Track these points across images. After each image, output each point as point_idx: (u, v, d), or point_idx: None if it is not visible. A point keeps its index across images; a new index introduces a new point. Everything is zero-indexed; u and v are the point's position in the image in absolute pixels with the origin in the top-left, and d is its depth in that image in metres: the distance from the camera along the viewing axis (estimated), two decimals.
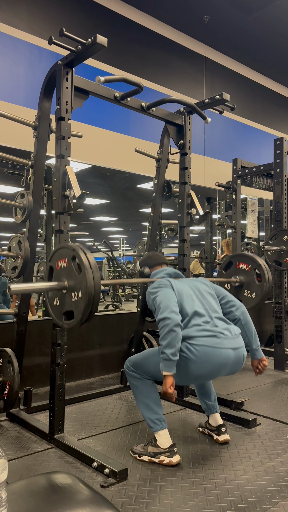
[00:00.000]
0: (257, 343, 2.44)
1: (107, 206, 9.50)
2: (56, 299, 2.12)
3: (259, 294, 3.10)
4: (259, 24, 5.86)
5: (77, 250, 1.98)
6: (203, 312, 2.27)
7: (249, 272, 3.16)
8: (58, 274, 2.11)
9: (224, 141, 6.63)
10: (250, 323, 2.44)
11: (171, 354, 2.03)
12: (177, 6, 5.43)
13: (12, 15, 4.31)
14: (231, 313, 2.45)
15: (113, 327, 3.98)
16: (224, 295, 2.52)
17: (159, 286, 2.32)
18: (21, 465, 2.15)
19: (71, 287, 2.02)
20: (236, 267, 3.22)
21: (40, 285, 2.06)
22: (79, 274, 1.96)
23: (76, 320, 1.99)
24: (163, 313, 2.12)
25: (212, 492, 1.91)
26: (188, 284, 2.43)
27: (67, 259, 2.04)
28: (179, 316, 2.14)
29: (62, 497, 0.97)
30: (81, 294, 1.95)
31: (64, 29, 2.25)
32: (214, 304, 2.39)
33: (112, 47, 3.36)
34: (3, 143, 4.07)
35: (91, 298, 1.92)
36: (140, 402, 2.30)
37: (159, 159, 3.42)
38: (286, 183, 4.15)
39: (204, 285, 2.50)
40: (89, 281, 1.91)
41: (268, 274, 3.09)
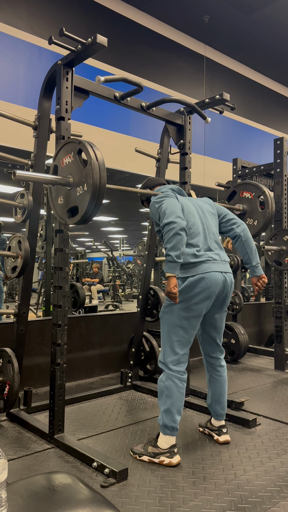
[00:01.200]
0: (256, 260, 2.47)
1: (107, 206, 9.50)
2: (60, 198, 2.11)
3: (261, 221, 3.09)
4: (259, 24, 5.86)
5: (83, 143, 1.95)
6: (200, 231, 2.31)
7: (252, 200, 3.14)
8: (63, 171, 2.09)
9: (224, 141, 6.63)
10: (250, 240, 2.46)
11: (175, 256, 2.08)
12: (177, 6, 5.43)
13: (12, 15, 4.31)
14: (232, 231, 2.48)
15: (113, 327, 3.98)
16: (226, 213, 2.54)
17: (164, 196, 2.32)
18: (21, 465, 2.15)
19: (76, 183, 2.00)
20: (240, 195, 3.21)
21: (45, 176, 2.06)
22: (85, 167, 1.93)
23: (80, 215, 1.97)
24: (169, 217, 2.14)
25: (212, 492, 1.91)
26: (191, 201, 2.45)
27: (73, 153, 2.02)
28: (184, 221, 2.16)
29: (62, 497, 0.97)
30: (86, 186, 1.92)
31: (64, 29, 2.25)
32: (212, 225, 2.42)
33: (112, 47, 3.37)
34: (3, 143, 4.07)
35: (97, 189, 1.90)
36: (163, 404, 2.23)
37: (159, 159, 3.42)
38: (286, 183, 4.15)
39: (207, 204, 2.52)
40: (95, 173, 1.89)
41: (272, 201, 3.08)
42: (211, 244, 2.32)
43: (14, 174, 1.90)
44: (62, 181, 2.04)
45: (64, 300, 2.43)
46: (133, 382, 3.43)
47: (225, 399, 2.53)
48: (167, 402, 2.22)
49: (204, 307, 2.26)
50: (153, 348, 3.50)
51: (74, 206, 2.03)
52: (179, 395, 2.24)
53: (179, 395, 2.24)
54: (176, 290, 2.11)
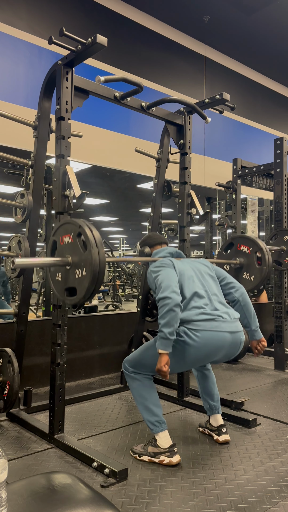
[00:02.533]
0: (256, 324, 2.46)
1: (107, 206, 9.50)
2: (59, 274, 2.11)
3: (258, 277, 3.09)
4: (259, 24, 5.86)
5: (83, 227, 1.95)
6: (203, 294, 2.28)
7: (249, 255, 3.15)
8: (62, 249, 2.09)
9: (224, 141, 6.63)
10: (249, 305, 2.45)
11: (168, 333, 2.04)
12: (177, 6, 5.43)
13: (12, 15, 4.31)
14: (231, 295, 2.47)
15: (113, 327, 3.98)
16: (224, 276, 2.53)
17: (161, 266, 2.31)
18: (21, 465, 2.15)
19: (75, 264, 2.00)
20: (237, 248, 3.21)
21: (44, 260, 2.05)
22: (85, 252, 1.94)
23: (79, 297, 1.97)
24: (163, 292, 2.12)
25: (212, 492, 1.91)
26: (189, 265, 2.43)
27: (72, 235, 2.02)
28: (179, 296, 2.14)
29: (62, 497, 0.97)
30: (85, 271, 1.93)
31: (64, 28, 2.24)
32: (214, 287, 2.40)
33: (112, 47, 3.37)
34: (3, 143, 4.07)
35: (96, 276, 1.90)
36: (139, 404, 2.30)
37: (159, 159, 3.42)
38: (286, 183, 4.15)
39: (205, 266, 2.51)
40: (94, 259, 1.89)
41: (269, 258, 3.08)
42: (216, 305, 2.28)
43: (13, 262, 1.91)
44: (61, 262, 2.04)
45: None
46: None
47: (216, 391, 2.56)
48: (141, 401, 2.28)
49: (203, 363, 2.31)
50: None
51: (72, 287, 2.03)
52: (149, 389, 2.29)
53: (149, 389, 2.29)
54: (167, 368, 2.04)
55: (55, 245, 2.14)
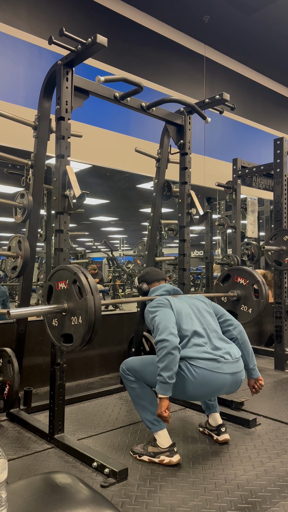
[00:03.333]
0: (253, 363, 2.43)
1: (107, 206, 9.50)
2: (55, 320, 2.11)
3: (255, 310, 3.10)
4: (259, 24, 5.86)
5: (78, 274, 1.96)
6: (202, 332, 2.27)
7: (246, 287, 3.16)
8: (58, 295, 2.09)
9: (224, 141, 6.63)
10: (247, 343, 2.44)
11: (167, 377, 2.03)
12: (177, 6, 5.43)
13: (12, 15, 4.31)
14: (229, 332, 2.45)
15: (113, 327, 3.98)
16: (222, 313, 2.51)
17: (158, 306, 2.30)
18: (21, 465, 2.15)
19: (71, 310, 2.01)
20: (234, 280, 3.22)
21: (39, 309, 2.06)
22: (80, 299, 1.95)
23: (75, 345, 1.99)
24: (161, 334, 2.11)
25: (212, 492, 1.91)
26: (187, 303, 2.42)
27: (68, 281, 2.03)
28: (177, 338, 2.13)
29: (62, 497, 0.97)
30: (81, 319, 1.94)
31: (64, 29, 2.24)
32: (213, 324, 2.38)
33: (112, 47, 3.37)
34: (3, 143, 4.07)
35: (92, 324, 1.92)
36: (136, 404, 2.31)
37: (159, 159, 3.42)
38: (286, 183, 4.15)
39: (202, 303, 2.49)
40: (90, 308, 1.90)
41: (265, 291, 3.09)
42: (216, 343, 2.26)
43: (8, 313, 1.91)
44: (57, 309, 2.04)
45: None
46: None
47: None
48: (138, 401, 2.30)
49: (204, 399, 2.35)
50: (153, 348, 3.50)
51: (68, 334, 2.03)
52: (145, 388, 2.31)
53: (145, 388, 2.31)
54: (167, 414, 2.04)
55: (51, 290, 2.14)
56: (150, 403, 2.27)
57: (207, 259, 6.39)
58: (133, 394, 2.33)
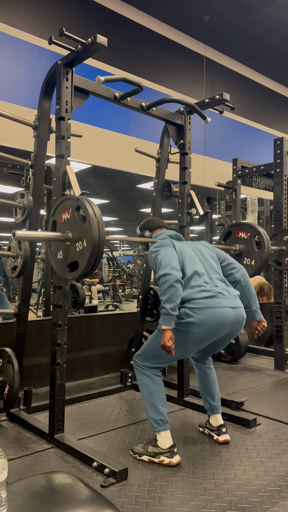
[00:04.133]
0: (256, 305, 2.47)
1: (107, 206, 9.50)
2: (60, 252, 2.12)
3: (258, 261, 3.11)
4: (259, 24, 5.86)
5: (81, 200, 1.97)
6: (203, 272, 2.30)
7: (248, 240, 3.17)
8: (62, 227, 2.10)
9: (224, 141, 6.63)
10: (250, 285, 2.46)
11: (170, 308, 2.06)
12: (177, 6, 5.43)
13: (12, 15, 4.31)
14: (232, 275, 2.48)
15: (113, 327, 3.98)
16: (225, 257, 2.54)
17: (161, 245, 2.33)
18: (21, 465, 2.15)
19: (75, 238, 2.02)
20: (236, 236, 3.23)
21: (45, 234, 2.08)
22: (84, 223, 1.95)
23: (81, 270, 1.99)
24: (164, 269, 2.13)
25: (212, 492, 1.91)
26: (190, 246, 2.45)
27: (71, 210, 2.04)
28: (179, 272, 2.15)
29: (62, 497, 0.97)
30: (86, 242, 1.94)
31: (64, 29, 2.24)
32: (215, 266, 2.41)
33: (112, 47, 3.37)
34: (3, 143, 4.07)
35: (96, 246, 1.92)
36: (146, 400, 2.28)
37: (159, 159, 3.42)
38: (286, 183, 4.15)
39: (205, 247, 2.52)
40: (94, 230, 1.91)
41: (267, 241, 3.10)
42: (217, 283, 2.29)
43: (13, 234, 1.93)
44: (61, 237, 2.05)
45: (64, 300, 2.43)
46: (133, 382, 3.43)
47: (217, 391, 2.55)
48: (149, 398, 2.27)
49: (208, 341, 2.27)
50: None
51: (74, 261, 2.05)
52: (158, 387, 2.28)
53: (158, 387, 2.28)
54: (171, 344, 2.06)
55: (55, 224, 2.16)
56: (160, 402, 2.25)
57: None
58: (145, 390, 2.29)
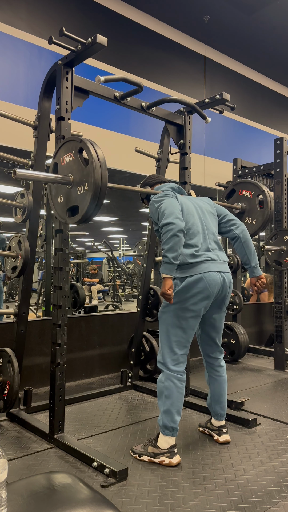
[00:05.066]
0: (255, 261, 2.48)
1: (107, 206, 9.50)
2: (60, 196, 2.10)
3: (260, 220, 3.09)
4: (259, 24, 5.86)
5: (84, 141, 1.94)
6: (199, 230, 2.31)
7: (251, 199, 3.15)
8: (63, 169, 2.07)
9: (224, 141, 6.63)
10: (249, 241, 2.48)
11: (172, 257, 2.08)
12: (177, 6, 5.43)
13: (12, 15, 4.31)
14: (231, 232, 2.49)
15: (113, 327, 3.98)
16: (225, 214, 2.54)
17: (164, 196, 2.32)
18: (21, 465, 2.15)
19: (76, 182, 2.00)
20: (239, 194, 3.20)
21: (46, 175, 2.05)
22: (86, 167, 1.92)
23: (81, 214, 1.96)
24: (167, 218, 2.14)
25: (212, 492, 1.91)
26: (191, 201, 2.44)
27: (74, 152, 2.01)
28: (183, 222, 2.16)
29: (62, 497, 0.97)
30: (87, 186, 1.91)
31: (64, 28, 2.25)
32: (212, 226, 2.42)
33: (112, 47, 3.37)
34: (3, 143, 4.07)
35: (98, 189, 1.89)
36: (163, 404, 2.23)
37: (159, 159, 3.42)
38: (286, 183, 4.15)
39: (207, 204, 2.51)
40: (96, 173, 1.88)
41: (271, 200, 3.08)
42: (210, 244, 2.32)
43: (14, 172, 1.89)
44: (62, 179, 2.03)
45: (64, 300, 2.43)
46: (133, 382, 3.43)
47: (225, 399, 2.52)
48: (167, 403, 2.22)
49: (202, 307, 2.25)
50: (153, 348, 3.51)
51: (74, 206, 2.03)
52: (179, 395, 2.23)
53: (179, 395, 2.23)
54: (171, 292, 2.10)
55: (56, 167, 2.14)
56: (177, 411, 2.22)
57: None
58: (166, 393, 2.23)
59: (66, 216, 2.08)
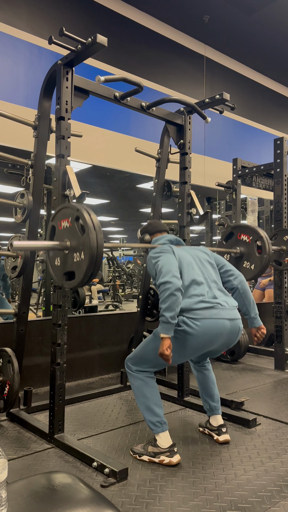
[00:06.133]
0: (255, 311, 2.46)
1: (107, 206, 9.50)
2: (58, 259, 2.12)
3: (258, 266, 3.10)
4: (259, 24, 5.86)
5: (81, 210, 1.96)
6: (202, 281, 2.29)
7: (249, 244, 3.15)
8: (60, 234, 2.10)
9: (224, 141, 6.63)
10: (248, 292, 2.46)
11: (170, 317, 2.05)
12: (177, 6, 5.43)
13: (12, 15, 4.31)
14: (229, 282, 2.47)
15: (113, 327, 3.98)
16: (223, 264, 2.53)
17: (161, 251, 2.32)
18: (21, 464, 2.15)
19: (73, 248, 2.01)
20: (237, 238, 3.21)
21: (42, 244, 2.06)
22: (83, 235, 1.95)
23: (77, 281, 1.99)
24: (164, 277, 2.12)
25: (212, 491, 1.91)
26: (189, 252, 2.43)
27: (71, 219, 2.03)
28: (180, 281, 2.14)
29: (62, 497, 0.97)
30: (83, 255, 1.94)
31: (64, 28, 2.25)
32: (213, 274, 2.40)
33: (112, 47, 3.37)
34: (3, 143, 4.07)
35: (94, 259, 1.92)
36: (141, 403, 2.29)
37: (159, 159, 3.42)
38: (286, 183, 4.15)
39: (204, 254, 2.51)
40: (92, 242, 1.90)
41: (269, 246, 3.08)
42: (215, 292, 2.29)
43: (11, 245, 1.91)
44: (59, 246, 2.05)
45: (64, 300, 2.43)
46: None
47: (216, 392, 2.55)
48: (143, 400, 2.27)
49: (203, 351, 2.28)
50: None
51: (71, 271, 2.04)
52: (151, 389, 2.28)
53: (151, 389, 2.28)
54: (169, 352, 2.06)
55: (54, 230, 2.15)
56: (155, 404, 2.26)
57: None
58: (138, 393, 2.30)
59: (63, 280, 2.09)
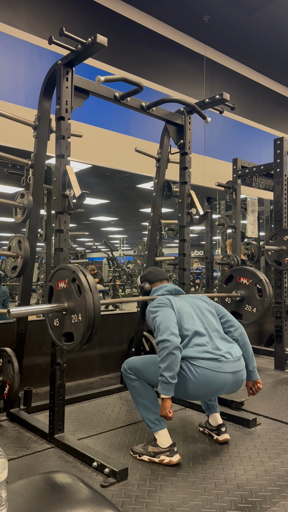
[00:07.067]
0: (253, 365, 2.43)
1: (107, 206, 9.50)
2: (56, 320, 2.13)
3: (260, 309, 3.10)
4: (259, 24, 5.86)
5: (77, 272, 1.98)
6: (204, 332, 2.26)
7: (250, 287, 3.16)
8: (58, 294, 2.12)
9: (224, 141, 6.63)
10: (248, 345, 2.43)
11: (169, 377, 2.03)
12: (177, 6, 5.43)
13: (12, 15, 4.31)
14: (229, 333, 2.44)
15: (113, 327, 3.98)
16: (224, 314, 2.50)
17: (159, 305, 2.30)
18: (21, 464, 2.15)
19: (71, 309, 2.03)
20: (237, 281, 3.22)
21: (40, 308, 2.09)
22: (79, 297, 1.97)
23: (76, 343, 2.01)
24: (162, 334, 2.11)
25: (212, 491, 1.91)
26: (188, 302, 2.41)
27: (67, 280, 2.05)
28: (178, 338, 2.13)
29: (62, 497, 0.97)
30: (81, 317, 1.96)
31: (64, 28, 2.24)
32: (214, 323, 2.37)
33: (112, 47, 3.37)
34: (3, 143, 4.07)
35: (91, 321, 1.94)
36: (138, 403, 2.31)
37: (159, 159, 3.42)
38: (286, 183, 4.15)
39: (204, 302, 2.48)
40: (89, 305, 1.93)
41: (269, 289, 3.08)
42: (218, 342, 2.26)
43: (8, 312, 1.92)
44: (57, 308, 2.06)
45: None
46: None
47: None
48: (140, 399, 2.29)
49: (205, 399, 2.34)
50: (153, 348, 3.50)
51: (69, 332, 2.05)
52: (147, 387, 2.31)
53: (147, 387, 2.31)
54: (171, 414, 2.05)
55: (52, 290, 2.16)
56: (151, 403, 2.27)
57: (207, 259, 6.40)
58: (134, 393, 2.33)
59: (62, 341, 2.10)
